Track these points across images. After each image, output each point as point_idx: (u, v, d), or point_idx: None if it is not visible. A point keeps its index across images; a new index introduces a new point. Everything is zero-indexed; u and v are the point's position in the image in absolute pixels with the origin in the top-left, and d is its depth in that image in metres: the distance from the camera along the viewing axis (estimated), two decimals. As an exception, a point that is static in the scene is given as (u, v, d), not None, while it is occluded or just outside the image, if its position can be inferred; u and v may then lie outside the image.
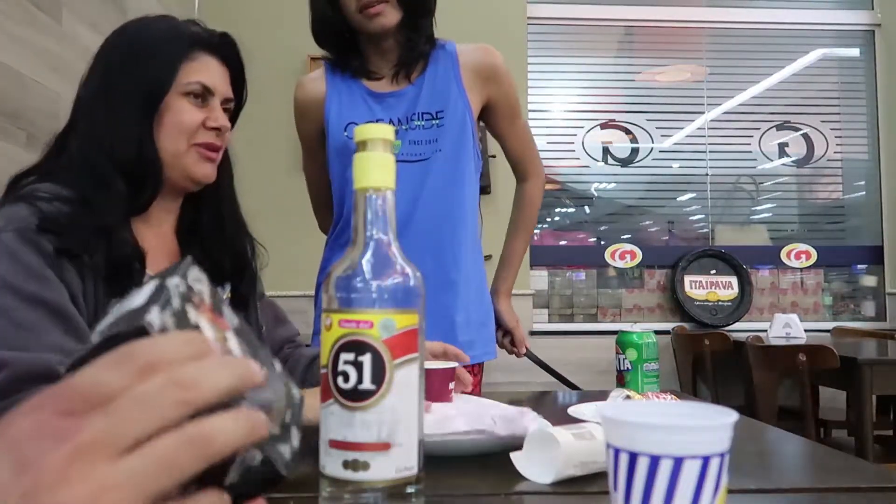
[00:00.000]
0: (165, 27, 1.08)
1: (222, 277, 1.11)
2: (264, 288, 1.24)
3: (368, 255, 0.60)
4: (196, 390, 0.32)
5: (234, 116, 1.16)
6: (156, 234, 1.09)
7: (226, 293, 1.14)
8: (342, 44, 1.52)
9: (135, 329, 0.37)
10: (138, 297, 0.41)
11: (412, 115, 1.51)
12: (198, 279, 0.43)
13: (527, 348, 1.78)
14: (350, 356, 0.56)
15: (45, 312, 0.89)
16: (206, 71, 1.08)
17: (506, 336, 1.76)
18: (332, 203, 1.62)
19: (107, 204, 0.98)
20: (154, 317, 0.38)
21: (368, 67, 1.53)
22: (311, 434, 0.39)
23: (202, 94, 1.07)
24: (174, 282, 0.41)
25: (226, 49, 1.12)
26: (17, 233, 0.91)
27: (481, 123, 1.69)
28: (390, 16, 1.44)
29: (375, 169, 0.60)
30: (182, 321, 0.40)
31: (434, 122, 1.52)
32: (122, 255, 0.97)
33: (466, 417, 0.90)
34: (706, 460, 0.47)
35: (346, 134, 1.51)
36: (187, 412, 0.31)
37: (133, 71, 1.04)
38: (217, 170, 1.11)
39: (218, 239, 1.13)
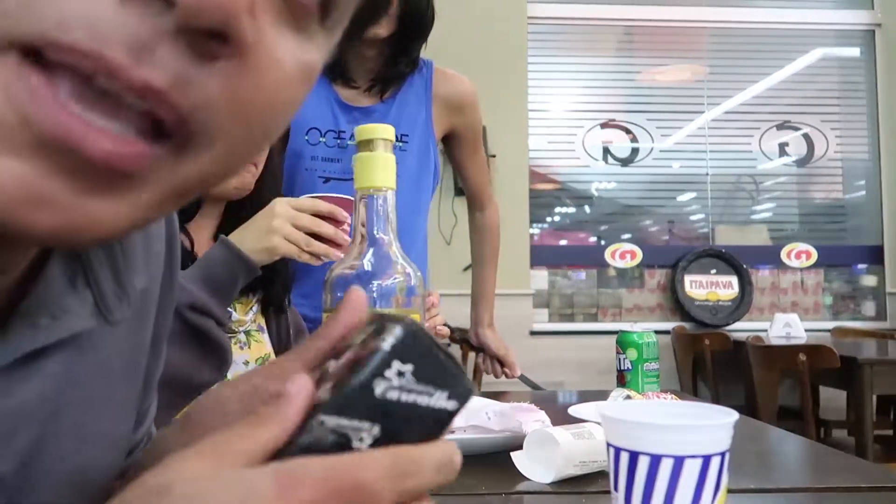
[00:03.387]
0: None
1: (255, 280, 1.13)
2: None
3: (369, 254, 0.60)
4: None
5: None
6: (196, 238, 1.12)
7: (256, 297, 1.17)
8: None
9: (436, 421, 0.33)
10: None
11: None
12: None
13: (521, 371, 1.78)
14: (351, 356, 0.56)
15: None
16: None
17: (491, 362, 1.75)
18: None
19: None
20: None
21: (346, 72, 1.46)
22: None
23: None
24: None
25: None
26: None
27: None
28: (383, 27, 1.37)
29: (377, 169, 0.60)
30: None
31: (398, 144, 1.48)
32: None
33: (462, 414, 0.90)
34: (707, 460, 0.47)
35: (305, 138, 1.44)
36: None
37: None
38: (260, 180, 1.13)
39: None
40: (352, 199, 1.05)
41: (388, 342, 0.32)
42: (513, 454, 0.81)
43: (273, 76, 0.29)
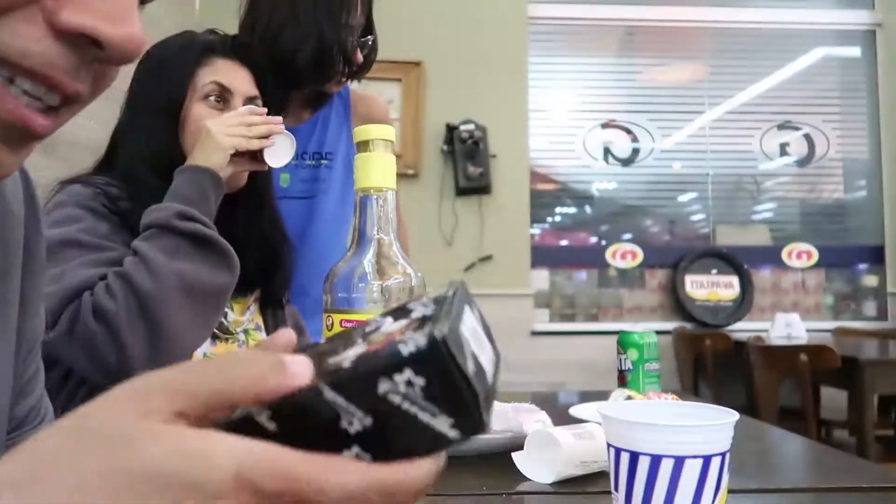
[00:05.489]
0: (179, 41, 1.12)
1: (252, 278, 1.13)
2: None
3: (370, 255, 0.60)
4: None
5: None
6: None
7: (254, 296, 1.18)
8: (287, 86, 1.49)
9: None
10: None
11: (303, 154, 1.53)
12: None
13: None
14: (351, 356, 0.56)
15: (108, 256, 0.95)
16: (222, 72, 1.11)
17: None
18: None
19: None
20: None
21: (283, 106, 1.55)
22: None
23: (221, 96, 1.10)
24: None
25: (242, 51, 1.14)
26: (78, 205, 0.99)
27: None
28: (338, 86, 1.51)
29: (377, 170, 0.60)
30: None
31: (323, 161, 1.55)
32: None
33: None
34: (707, 460, 0.47)
35: None
36: None
37: (153, 87, 1.09)
38: (252, 173, 1.13)
39: (252, 238, 1.15)
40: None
41: (408, 347, 0.30)
42: (514, 454, 0.81)
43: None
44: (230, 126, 1.05)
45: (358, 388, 0.31)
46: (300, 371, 0.31)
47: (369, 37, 1.49)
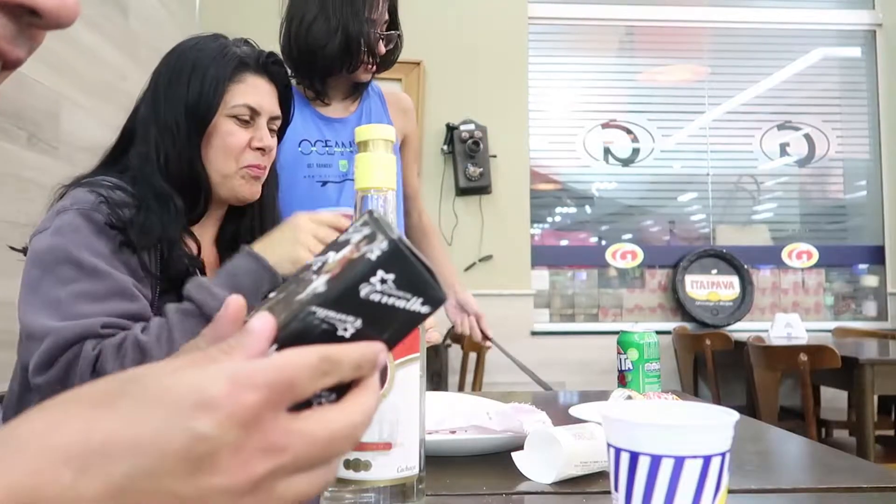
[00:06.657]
0: (214, 47, 1.10)
1: None
2: None
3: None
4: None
5: (280, 130, 1.18)
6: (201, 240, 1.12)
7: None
8: (322, 74, 1.65)
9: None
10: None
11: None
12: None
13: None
14: (351, 356, 0.56)
15: (106, 285, 0.94)
16: (253, 92, 1.10)
17: (470, 321, 1.79)
18: None
19: (166, 217, 1.02)
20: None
21: (323, 95, 1.70)
22: None
23: (249, 115, 1.10)
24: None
25: (274, 68, 1.14)
26: (80, 213, 0.97)
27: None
28: (367, 74, 1.67)
29: (377, 169, 0.60)
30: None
31: None
32: (178, 270, 1.03)
33: (463, 414, 0.91)
34: (707, 460, 0.47)
35: (299, 149, 1.63)
36: None
37: (181, 91, 1.07)
38: (263, 185, 1.14)
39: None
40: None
41: (374, 253, 0.38)
42: (514, 454, 0.81)
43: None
44: (317, 236, 1.05)
45: (345, 299, 0.38)
46: (262, 325, 0.37)
47: (394, 31, 1.66)
